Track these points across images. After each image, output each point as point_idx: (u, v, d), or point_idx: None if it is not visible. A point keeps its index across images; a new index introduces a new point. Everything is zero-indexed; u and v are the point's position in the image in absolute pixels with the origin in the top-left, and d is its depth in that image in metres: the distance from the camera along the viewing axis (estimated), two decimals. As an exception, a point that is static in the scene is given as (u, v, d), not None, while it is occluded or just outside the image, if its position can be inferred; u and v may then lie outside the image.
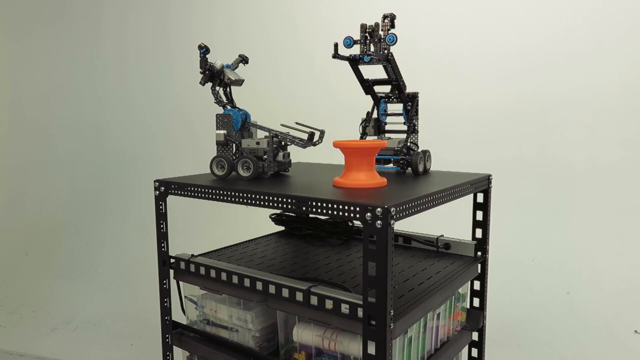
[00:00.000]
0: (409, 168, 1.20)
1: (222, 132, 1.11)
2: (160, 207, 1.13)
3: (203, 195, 1.04)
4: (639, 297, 1.64)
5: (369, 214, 0.79)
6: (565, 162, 1.73)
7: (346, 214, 0.82)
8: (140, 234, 2.34)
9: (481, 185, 1.16)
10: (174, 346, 1.19)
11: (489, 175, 1.20)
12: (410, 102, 1.22)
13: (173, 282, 1.18)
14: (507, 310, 1.74)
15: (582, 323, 1.69)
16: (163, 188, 1.11)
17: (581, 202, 1.72)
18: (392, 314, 0.81)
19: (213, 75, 1.13)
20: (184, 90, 2.32)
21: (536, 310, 1.74)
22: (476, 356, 1.29)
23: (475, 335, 1.27)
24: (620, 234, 1.68)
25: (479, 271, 1.23)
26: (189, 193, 1.07)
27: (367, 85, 1.22)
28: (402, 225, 1.27)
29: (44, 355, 2.04)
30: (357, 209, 0.81)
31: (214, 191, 1.02)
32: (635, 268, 1.65)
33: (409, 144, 1.21)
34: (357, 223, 1.38)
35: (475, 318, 1.24)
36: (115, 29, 2.48)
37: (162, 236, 1.15)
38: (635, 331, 1.63)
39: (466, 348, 1.26)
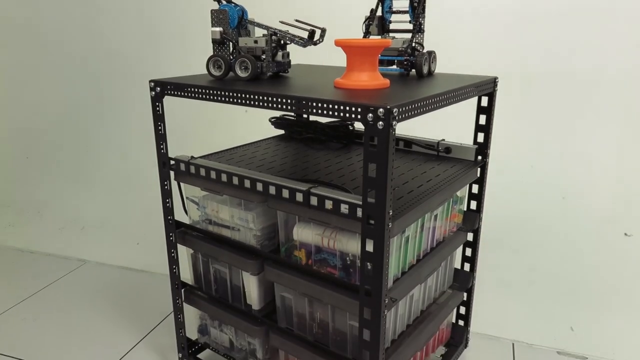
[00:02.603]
0: (413, 69, 1.16)
1: (218, 29, 1.06)
2: (157, 109, 1.11)
3: (200, 95, 1.01)
4: (633, 201, 1.68)
5: (370, 114, 0.77)
6: (571, 69, 1.68)
7: (347, 115, 0.80)
8: (139, 136, 2.33)
9: (486, 88, 1.13)
10: (178, 244, 1.24)
11: (495, 78, 1.17)
12: (417, -2, 1.15)
13: (174, 184, 1.19)
14: (502, 214, 1.78)
15: (574, 226, 1.74)
16: (159, 89, 1.09)
17: (585, 109, 1.69)
18: (390, 213, 0.82)
19: (206, -34, 1.05)
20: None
21: (531, 214, 1.78)
22: (470, 255, 1.34)
23: (470, 236, 1.32)
24: (622, 140, 1.67)
25: (478, 175, 1.24)
26: (186, 94, 1.04)
27: (372, -21, 1.14)
28: (403, 130, 1.25)
29: (54, 252, 2.13)
30: (359, 109, 0.79)
31: (211, 91, 0.99)
32: (632, 174, 1.67)
33: (414, 44, 1.16)
34: (357, 127, 1.36)
35: (472, 220, 1.27)
36: None
37: (161, 138, 1.14)
38: (625, 234, 1.69)
39: (461, 247, 1.31)
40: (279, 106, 0.89)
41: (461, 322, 1.42)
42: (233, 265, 1.15)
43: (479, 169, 1.23)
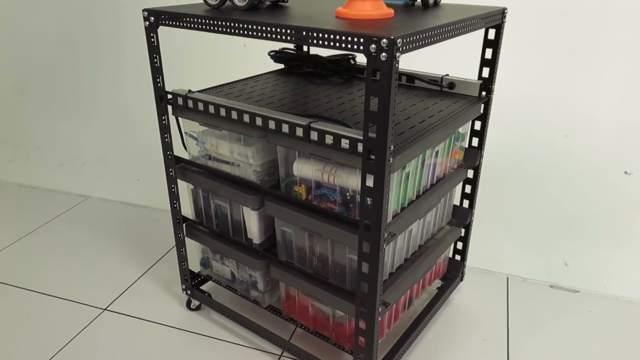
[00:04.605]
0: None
1: (214, -47, 1.00)
2: (152, 40, 1.07)
3: (196, 26, 0.97)
4: (635, 140, 1.66)
5: (373, 45, 0.74)
6: (580, 3, 1.61)
7: (349, 46, 0.77)
8: (136, 70, 2.27)
9: (494, 20, 1.09)
10: (178, 180, 1.24)
11: (504, 9, 1.12)
12: None
13: (172, 119, 1.18)
14: (503, 151, 1.77)
15: (575, 164, 1.73)
16: (153, 19, 1.04)
17: (593, 45, 1.63)
18: (391, 149, 0.81)
19: None
20: None
21: (532, 152, 1.77)
22: (469, 192, 1.34)
23: (470, 173, 1.31)
24: (629, 78, 1.63)
25: (482, 111, 1.22)
26: (181, 23, 1.00)
27: None
28: (406, 65, 1.22)
29: (55, 188, 2.14)
30: (361, 40, 0.76)
31: (207, 21, 0.95)
32: (636, 112, 1.64)
33: (419, -29, 1.10)
34: (359, 61, 1.32)
35: (473, 156, 1.27)
36: None
37: (157, 71, 1.11)
38: (625, 172, 1.69)
39: (460, 184, 1.31)
40: (278, 37, 0.86)
41: (458, 257, 1.45)
42: (233, 201, 1.16)
43: (482, 105, 1.21)
